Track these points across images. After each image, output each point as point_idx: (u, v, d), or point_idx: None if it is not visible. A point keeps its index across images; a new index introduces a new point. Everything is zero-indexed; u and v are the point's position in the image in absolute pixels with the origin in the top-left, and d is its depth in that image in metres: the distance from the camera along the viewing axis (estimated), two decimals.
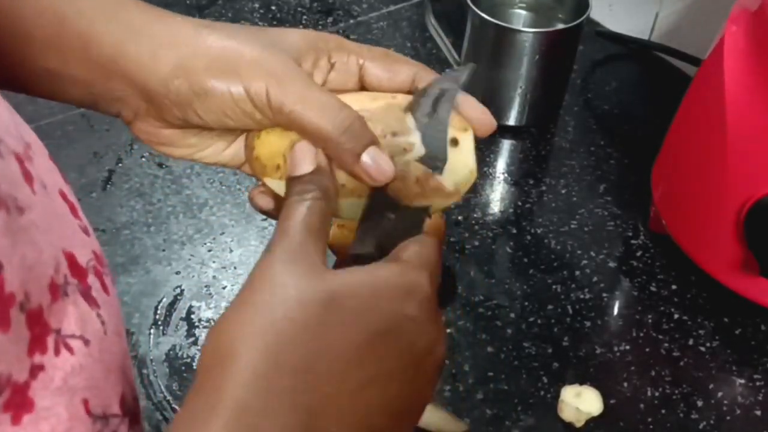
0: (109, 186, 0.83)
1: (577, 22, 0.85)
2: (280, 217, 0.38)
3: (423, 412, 0.38)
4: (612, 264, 0.77)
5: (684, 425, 0.65)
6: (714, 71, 0.68)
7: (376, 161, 0.40)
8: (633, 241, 0.79)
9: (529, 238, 0.80)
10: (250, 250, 0.78)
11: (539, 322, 0.72)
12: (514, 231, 0.80)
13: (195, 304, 0.73)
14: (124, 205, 0.81)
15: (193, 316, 0.72)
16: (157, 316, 0.71)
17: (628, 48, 1.04)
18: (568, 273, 0.76)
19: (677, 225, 0.74)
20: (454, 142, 0.42)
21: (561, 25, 0.91)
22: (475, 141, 0.43)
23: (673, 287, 0.75)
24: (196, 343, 0.69)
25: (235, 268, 0.76)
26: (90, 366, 0.33)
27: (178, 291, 0.74)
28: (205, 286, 0.74)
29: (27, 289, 0.29)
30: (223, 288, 0.74)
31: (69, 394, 0.31)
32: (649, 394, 0.67)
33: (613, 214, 0.82)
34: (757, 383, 0.68)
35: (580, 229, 0.81)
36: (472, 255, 0.78)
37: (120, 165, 0.85)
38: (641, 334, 0.71)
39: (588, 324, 0.72)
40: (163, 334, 0.70)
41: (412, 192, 0.41)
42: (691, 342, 0.71)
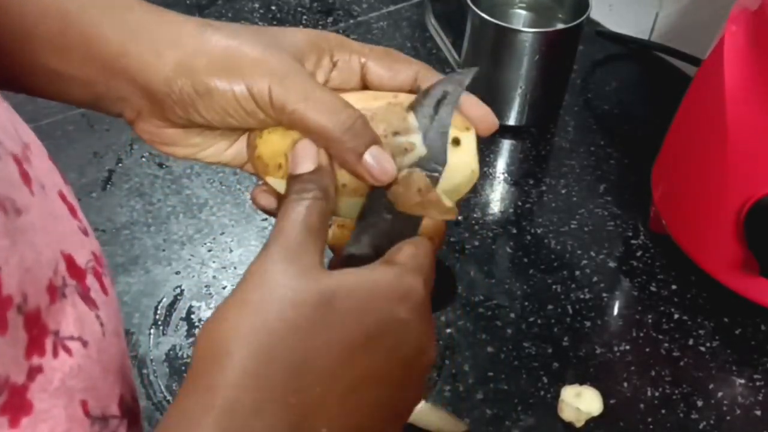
0: (109, 186, 0.83)
1: (577, 22, 0.85)
2: (278, 215, 0.38)
3: (412, 413, 0.39)
4: (612, 264, 0.77)
5: (684, 425, 0.65)
6: (714, 71, 0.68)
7: (378, 160, 0.40)
8: (633, 241, 0.79)
9: (529, 238, 0.80)
10: (250, 250, 0.77)
11: (539, 322, 0.72)
12: (514, 231, 0.80)
13: (195, 304, 0.73)
14: (124, 205, 0.81)
15: (193, 316, 0.72)
16: (157, 316, 0.71)
17: (628, 48, 1.03)
18: (568, 273, 0.76)
19: (677, 225, 0.74)
20: (456, 141, 0.42)
21: (561, 25, 0.91)
22: (477, 140, 0.43)
23: (673, 287, 0.75)
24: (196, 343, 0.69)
25: (235, 268, 0.76)
26: (88, 367, 0.33)
27: (178, 291, 0.74)
28: (205, 286, 0.74)
29: (25, 290, 0.28)
30: (223, 288, 0.74)
31: (67, 395, 0.31)
32: (649, 394, 0.67)
33: (613, 214, 0.82)
34: (757, 383, 0.68)
35: (580, 229, 0.81)
36: (472, 255, 0.78)
37: (120, 165, 0.85)
38: (641, 334, 0.71)
39: (588, 324, 0.72)
40: (163, 334, 0.70)
41: (411, 200, 0.41)
42: (691, 342, 0.71)
